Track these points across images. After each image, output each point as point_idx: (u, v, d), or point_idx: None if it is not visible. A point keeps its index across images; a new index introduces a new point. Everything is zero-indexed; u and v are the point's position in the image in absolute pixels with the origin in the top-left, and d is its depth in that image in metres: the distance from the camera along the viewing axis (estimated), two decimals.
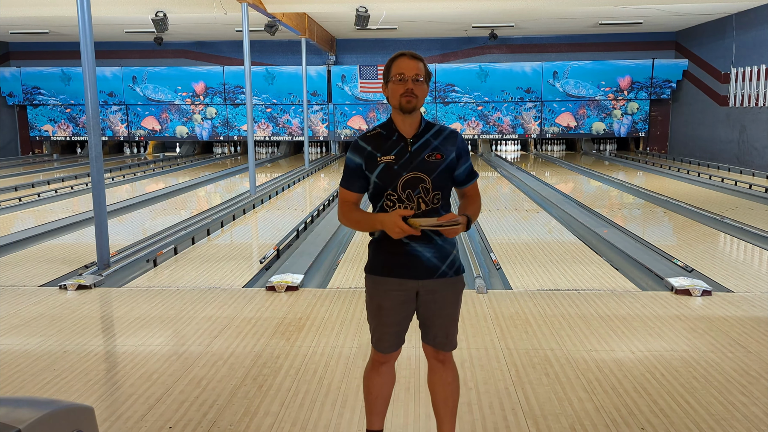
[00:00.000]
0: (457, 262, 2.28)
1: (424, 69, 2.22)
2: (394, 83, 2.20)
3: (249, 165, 10.18)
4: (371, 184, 2.23)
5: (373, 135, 2.26)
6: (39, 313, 4.33)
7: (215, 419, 2.81)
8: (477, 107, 17.40)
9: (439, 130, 2.27)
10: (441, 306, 2.27)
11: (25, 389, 3.15)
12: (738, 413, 2.82)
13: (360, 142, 2.25)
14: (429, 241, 2.21)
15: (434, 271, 2.22)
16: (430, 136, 2.24)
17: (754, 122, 12.89)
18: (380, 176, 2.19)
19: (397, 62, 2.22)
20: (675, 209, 8.43)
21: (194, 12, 12.66)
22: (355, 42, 17.70)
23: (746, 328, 3.88)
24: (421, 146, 2.21)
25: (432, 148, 2.21)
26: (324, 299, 4.55)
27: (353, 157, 2.25)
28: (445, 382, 2.37)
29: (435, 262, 2.22)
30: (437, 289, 2.24)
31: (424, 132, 2.24)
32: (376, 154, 2.20)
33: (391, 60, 2.25)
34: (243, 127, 17.80)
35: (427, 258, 2.21)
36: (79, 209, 8.77)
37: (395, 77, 2.19)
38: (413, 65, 2.20)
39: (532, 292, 4.71)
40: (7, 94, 17.74)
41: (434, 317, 2.28)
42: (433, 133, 2.25)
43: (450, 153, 2.22)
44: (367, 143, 2.23)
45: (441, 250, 2.23)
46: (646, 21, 14.94)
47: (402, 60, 2.21)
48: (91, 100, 5.34)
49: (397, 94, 2.18)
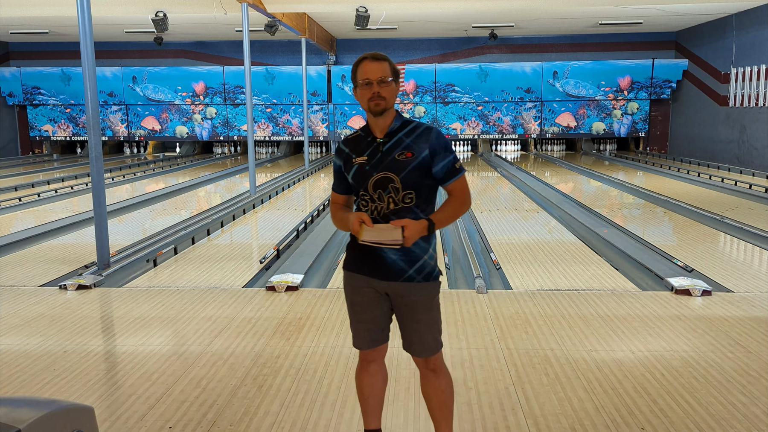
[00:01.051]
0: (427, 267, 2.23)
1: (389, 68, 2.20)
2: (361, 88, 2.19)
3: (249, 165, 10.18)
4: (348, 184, 2.28)
5: (353, 138, 2.30)
6: (39, 313, 4.33)
7: (215, 419, 2.81)
8: (477, 107, 17.40)
9: (413, 128, 2.24)
10: (411, 311, 2.25)
11: (25, 389, 3.15)
12: (738, 413, 2.82)
13: (341, 145, 2.32)
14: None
15: (400, 274, 2.21)
16: (403, 135, 2.22)
17: (754, 122, 12.89)
18: (354, 177, 2.23)
19: (361, 67, 2.20)
20: (675, 209, 8.43)
21: (194, 12, 12.65)
22: (355, 42, 17.70)
23: (746, 328, 3.88)
24: (393, 145, 2.20)
25: (403, 146, 2.20)
26: (324, 299, 4.55)
27: (336, 160, 2.32)
28: (438, 390, 2.34)
29: (401, 265, 2.20)
30: (405, 293, 2.22)
31: (398, 131, 2.23)
32: (352, 155, 2.25)
33: (355, 65, 2.22)
34: (243, 127, 17.80)
35: (393, 260, 2.20)
36: (79, 209, 8.77)
37: (361, 82, 2.19)
38: (377, 68, 2.18)
39: (532, 292, 4.71)
40: (7, 94, 17.74)
41: (407, 322, 2.27)
42: (407, 131, 2.23)
43: (422, 150, 2.18)
44: (346, 146, 2.29)
45: (408, 253, 2.20)
46: (646, 21, 14.94)
47: (365, 64, 2.19)
48: (91, 100, 5.33)
49: (365, 99, 2.19)
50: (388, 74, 2.19)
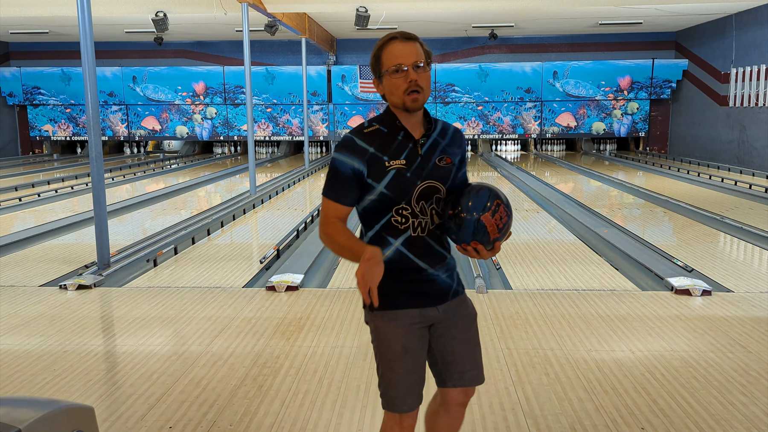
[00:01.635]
0: (459, 275, 1.96)
1: (423, 50, 1.77)
2: (392, 76, 1.74)
3: (249, 165, 10.18)
4: (375, 195, 1.77)
5: (372, 132, 1.79)
6: (39, 313, 4.33)
7: (215, 419, 2.81)
8: (477, 107, 17.40)
9: (443, 128, 1.88)
10: (463, 328, 1.88)
11: (25, 389, 3.15)
12: (738, 413, 2.82)
13: (358, 141, 1.76)
14: (442, 260, 1.86)
15: (449, 291, 1.87)
16: (438, 136, 1.84)
17: (754, 122, 12.89)
18: (391, 186, 1.75)
19: (389, 49, 1.74)
20: (675, 209, 8.43)
21: (194, 12, 12.65)
22: (355, 42, 17.69)
23: (746, 328, 3.88)
24: (431, 149, 1.81)
25: (441, 150, 1.83)
26: (324, 299, 4.55)
27: (348, 161, 1.75)
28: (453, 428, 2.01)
29: (448, 282, 1.87)
30: (451, 311, 1.87)
31: (432, 130, 1.84)
32: (383, 157, 1.75)
33: (379, 47, 1.76)
34: (243, 127, 17.80)
35: (443, 279, 1.86)
36: (79, 209, 8.77)
37: (391, 69, 1.73)
38: (411, 49, 1.73)
39: (532, 292, 4.71)
40: (7, 94, 17.74)
41: (459, 345, 1.87)
42: (440, 131, 1.86)
43: (456, 156, 1.86)
44: (367, 142, 1.76)
45: (450, 268, 1.90)
46: (646, 21, 14.94)
47: (394, 45, 1.73)
48: (91, 100, 5.33)
49: (399, 91, 1.73)
50: (423, 57, 1.76)
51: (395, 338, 1.80)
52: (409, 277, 1.81)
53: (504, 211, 1.75)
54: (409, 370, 1.82)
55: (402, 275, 1.81)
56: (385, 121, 1.81)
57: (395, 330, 1.81)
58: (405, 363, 1.81)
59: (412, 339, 1.81)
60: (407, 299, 1.81)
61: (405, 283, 1.81)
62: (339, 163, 1.77)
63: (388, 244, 1.81)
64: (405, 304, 1.81)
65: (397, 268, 1.80)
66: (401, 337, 1.80)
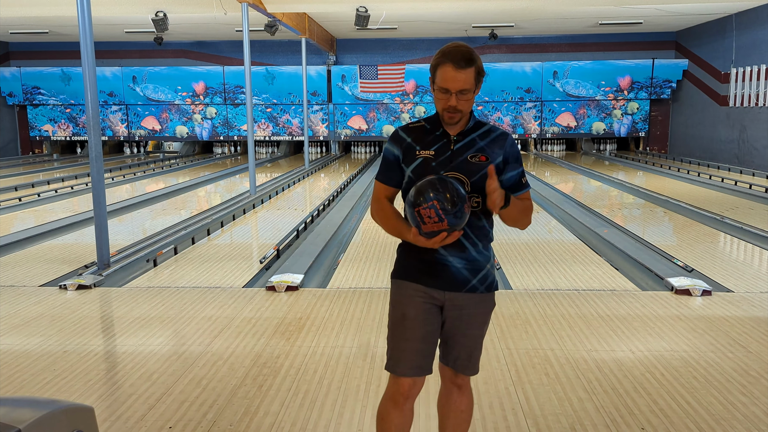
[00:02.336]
0: (490, 277, 2.07)
1: (473, 76, 1.94)
2: (438, 93, 1.96)
3: (249, 165, 10.18)
4: (405, 178, 2.04)
5: (415, 127, 2.07)
6: (39, 313, 4.33)
7: (215, 419, 2.81)
8: (477, 107, 17.39)
9: (488, 130, 2.05)
10: (467, 324, 2.05)
11: (25, 389, 3.15)
12: (738, 413, 2.82)
13: (400, 133, 2.07)
14: (461, 251, 2.01)
15: (464, 284, 2.02)
16: (477, 136, 2.03)
17: (754, 122, 12.89)
18: (416, 171, 2.00)
19: (442, 71, 1.93)
20: (675, 209, 8.43)
21: (194, 12, 12.66)
22: (355, 42, 17.70)
23: (746, 328, 3.88)
24: (465, 146, 2.01)
25: (477, 149, 2.01)
26: (324, 299, 4.55)
27: (391, 148, 2.06)
28: (458, 410, 2.16)
29: (465, 275, 2.02)
30: (464, 304, 2.03)
31: (471, 131, 2.03)
32: (416, 146, 2.02)
33: (436, 62, 1.96)
34: (243, 127, 17.80)
35: (457, 269, 2.01)
36: (79, 209, 8.77)
37: (439, 88, 1.95)
38: (459, 78, 1.91)
39: (532, 292, 4.71)
40: (7, 94, 17.74)
41: (458, 336, 2.06)
42: (481, 132, 2.04)
43: (496, 156, 2.01)
44: (407, 134, 2.05)
45: (473, 262, 2.02)
46: (646, 21, 14.94)
47: (447, 70, 1.92)
48: (91, 100, 5.33)
49: (440, 106, 1.98)
50: (472, 85, 1.94)
51: (399, 305, 2.07)
52: (424, 255, 2.02)
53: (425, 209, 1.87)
54: (405, 337, 2.03)
55: (418, 252, 2.02)
56: (431, 119, 2.08)
57: (400, 298, 2.06)
58: (402, 329, 2.04)
59: (412, 309, 2.02)
60: (417, 275, 2.04)
61: (420, 260, 2.03)
62: (386, 150, 2.10)
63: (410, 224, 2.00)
64: (414, 278, 2.04)
65: (414, 247, 2.02)
66: (403, 305, 2.05)
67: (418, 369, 2.03)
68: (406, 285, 2.05)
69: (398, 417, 2.07)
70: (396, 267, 2.12)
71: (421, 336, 2.03)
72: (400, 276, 2.08)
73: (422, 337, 2.03)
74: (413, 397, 2.08)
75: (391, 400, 2.08)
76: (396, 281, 2.10)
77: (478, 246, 2.03)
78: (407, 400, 2.06)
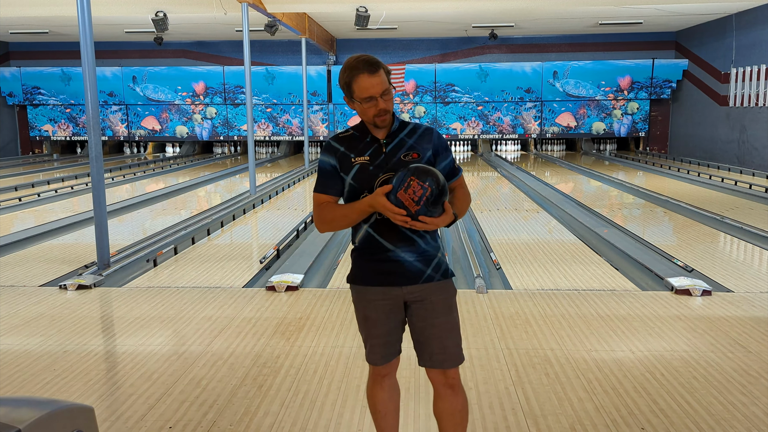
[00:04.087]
0: (443, 265, 2.16)
1: (385, 75, 2.07)
2: (364, 104, 2.06)
3: (249, 165, 10.18)
4: (346, 186, 2.12)
5: (345, 136, 2.16)
6: (39, 313, 4.33)
7: (215, 419, 2.81)
8: (477, 107, 17.40)
9: (413, 128, 2.17)
10: (432, 313, 2.12)
11: (25, 389, 3.15)
12: (738, 413, 2.82)
13: (332, 143, 2.15)
14: (411, 244, 2.10)
15: (419, 275, 2.10)
16: (405, 136, 2.15)
17: (754, 122, 12.89)
18: (356, 178, 2.09)
19: (359, 83, 2.03)
20: (675, 209, 8.43)
21: (194, 12, 12.65)
22: (355, 42, 17.70)
23: (746, 328, 3.88)
24: (396, 146, 2.12)
25: (408, 147, 2.12)
26: (324, 299, 4.55)
27: (327, 159, 2.13)
28: (454, 411, 2.18)
29: (419, 266, 2.11)
30: (425, 296, 2.11)
31: (398, 132, 2.15)
32: (350, 154, 2.10)
33: (348, 76, 2.05)
34: (243, 127, 17.80)
35: (410, 262, 2.10)
36: (79, 209, 8.77)
37: (363, 99, 2.05)
38: (377, 81, 2.04)
39: (532, 292, 4.71)
40: (7, 94, 17.74)
41: (428, 328, 2.12)
42: (408, 132, 2.16)
43: (426, 151, 2.13)
44: (339, 144, 2.13)
45: (424, 253, 2.12)
46: (646, 21, 14.94)
47: (363, 78, 2.03)
48: (91, 100, 5.34)
49: (369, 115, 2.07)
50: (387, 83, 2.07)
51: (360, 308, 2.21)
52: (377, 256, 2.12)
53: (417, 185, 1.93)
54: (372, 335, 2.19)
55: (371, 254, 2.13)
56: (358, 127, 2.18)
57: (360, 302, 2.20)
58: (367, 329, 2.20)
59: (373, 312, 2.16)
60: (372, 277, 2.14)
61: (373, 262, 2.13)
62: (321, 162, 2.16)
63: (360, 227, 2.15)
64: (370, 281, 2.15)
65: (366, 246, 2.14)
66: (363, 308, 2.19)
67: (388, 356, 2.22)
68: (364, 290, 2.17)
69: (380, 392, 2.27)
70: (352, 272, 2.22)
71: (385, 332, 2.18)
72: (357, 281, 2.19)
73: (386, 333, 2.18)
74: (390, 375, 2.27)
75: (371, 380, 2.29)
76: (354, 286, 2.21)
77: (425, 237, 2.12)
78: (384, 378, 2.26)
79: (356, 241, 2.18)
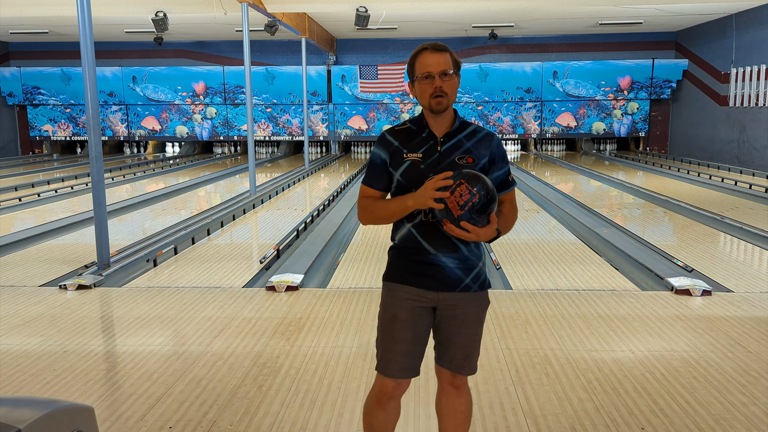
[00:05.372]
0: (482, 276, 2.08)
1: (451, 60, 2.01)
2: (421, 82, 2.00)
3: (249, 165, 10.18)
4: (394, 182, 2.04)
5: (401, 129, 2.08)
6: (39, 313, 4.33)
7: (215, 419, 2.81)
8: (477, 107, 17.40)
9: (474, 130, 2.06)
10: (462, 323, 2.05)
11: (25, 389, 3.15)
12: (738, 413, 2.82)
13: (387, 136, 2.07)
14: (454, 251, 2.01)
15: (457, 283, 2.02)
16: (463, 137, 2.04)
17: (754, 122, 12.89)
18: (404, 174, 2.00)
19: (421, 58, 2.00)
20: (675, 209, 8.43)
21: (194, 12, 12.65)
22: (355, 42, 17.70)
23: (746, 328, 3.88)
24: (452, 147, 2.02)
25: (464, 150, 2.01)
26: (324, 299, 4.55)
27: (379, 152, 2.06)
28: (457, 411, 2.14)
29: (458, 274, 2.02)
30: (458, 304, 2.03)
31: (457, 132, 2.05)
32: (403, 149, 2.02)
33: (413, 56, 2.03)
34: (243, 127, 17.80)
35: (450, 269, 2.01)
36: (79, 209, 8.77)
37: (421, 75, 1.99)
38: (439, 59, 1.98)
39: (532, 292, 4.71)
40: (7, 94, 17.74)
41: (454, 336, 2.06)
42: (467, 133, 2.05)
43: (483, 157, 2.02)
44: (394, 137, 2.05)
45: (466, 261, 2.03)
46: (646, 21, 14.94)
47: (425, 55, 2.00)
48: (91, 100, 5.33)
49: (426, 95, 1.99)
50: (450, 66, 2.00)
51: (389, 307, 2.07)
52: (417, 257, 2.03)
53: (466, 189, 1.85)
54: (395, 339, 2.05)
55: (410, 254, 2.04)
56: (416, 121, 2.08)
57: (391, 300, 2.07)
58: (392, 331, 2.05)
59: (403, 312, 2.03)
60: (409, 277, 2.04)
61: (412, 262, 2.04)
62: (373, 154, 2.09)
63: (402, 225, 2.06)
64: (406, 280, 2.04)
65: (406, 245, 2.05)
66: (394, 307, 2.05)
67: (407, 371, 2.07)
68: (398, 288, 2.06)
69: (381, 414, 2.12)
70: (388, 270, 2.12)
71: (410, 338, 2.04)
72: (392, 279, 2.09)
73: (412, 339, 2.05)
74: (398, 397, 2.12)
75: (375, 398, 2.13)
76: (387, 284, 2.10)
77: (470, 245, 2.04)
78: (391, 399, 2.10)
79: (396, 238, 2.09)
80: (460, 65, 2.06)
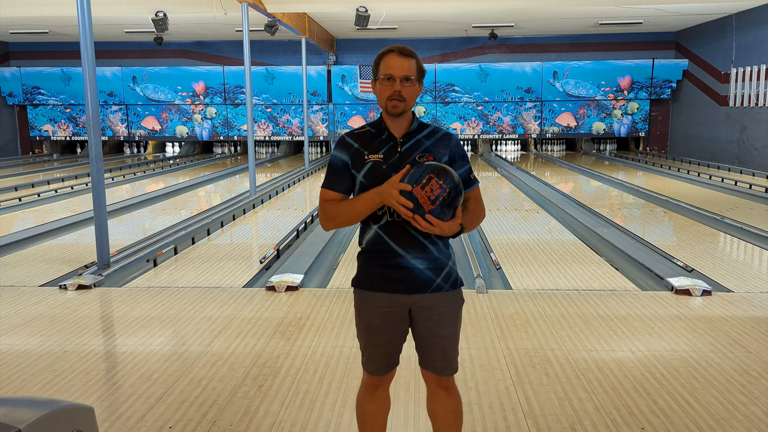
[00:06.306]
0: (453, 275, 2.09)
1: (416, 67, 2.03)
2: (382, 83, 2.01)
3: (249, 165, 10.18)
4: (357, 184, 2.05)
5: (360, 132, 2.09)
6: (39, 313, 4.33)
7: (215, 419, 2.81)
8: (477, 107, 17.40)
9: (432, 131, 2.10)
10: (438, 324, 2.06)
11: (25, 389, 3.15)
12: (738, 413, 2.82)
13: (346, 139, 2.08)
14: (422, 251, 2.01)
15: (428, 284, 2.03)
16: (422, 137, 2.07)
17: (754, 122, 12.89)
18: (367, 176, 2.01)
19: (386, 59, 2.01)
20: (675, 209, 8.43)
21: (194, 12, 12.65)
22: (355, 42, 17.70)
23: (746, 328, 3.88)
24: (412, 147, 2.04)
25: (423, 149, 2.04)
26: (324, 299, 4.55)
27: (339, 155, 2.06)
28: (447, 411, 2.16)
29: (429, 275, 2.02)
30: (432, 305, 2.04)
31: (416, 132, 2.08)
32: (364, 151, 2.03)
33: (380, 55, 2.04)
34: (243, 127, 17.80)
35: (420, 270, 2.02)
36: (79, 209, 8.77)
37: (383, 77, 2.01)
38: (404, 64, 2.00)
39: (532, 292, 4.71)
40: (7, 94, 17.74)
41: (431, 337, 2.07)
42: (426, 133, 2.08)
43: (442, 156, 2.05)
44: (354, 140, 2.07)
45: (435, 261, 2.04)
46: (646, 21, 14.94)
47: (391, 57, 2.01)
48: (91, 100, 5.33)
49: (383, 96, 2.01)
50: (414, 72, 2.02)
51: (363, 314, 2.11)
52: (385, 261, 2.03)
53: (436, 183, 1.87)
54: (372, 344, 2.12)
55: (379, 258, 2.04)
56: (375, 124, 2.11)
57: (364, 307, 2.10)
58: (367, 336, 2.12)
59: (376, 319, 2.07)
60: (379, 283, 2.05)
61: (381, 267, 2.04)
62: (333, 158, 2.09)
63: (369, 227, 2.07)
64: (376, 287, 2.05)
65: (375, 249, 2.05)
66: (367, 315, 2.09)
67: (385, 368, 2.15)
68: (369, 295, 2.07)
69: (371, 403, 2.21)
70: (357, 276, 2.12)
71: (385, 342, 2.10)
72: (362, 285, 2.09)
73: (386, 343, 2.10)
74: (385, 386, 2.21)
75: (363, 389, 2.23)
76: (358, 291, 2.11)
77: (438, 245, 2.05)
78: (377, 389, 2.20)
79: (364, 242, 2.09)
80: (425, 73, 2.08)
